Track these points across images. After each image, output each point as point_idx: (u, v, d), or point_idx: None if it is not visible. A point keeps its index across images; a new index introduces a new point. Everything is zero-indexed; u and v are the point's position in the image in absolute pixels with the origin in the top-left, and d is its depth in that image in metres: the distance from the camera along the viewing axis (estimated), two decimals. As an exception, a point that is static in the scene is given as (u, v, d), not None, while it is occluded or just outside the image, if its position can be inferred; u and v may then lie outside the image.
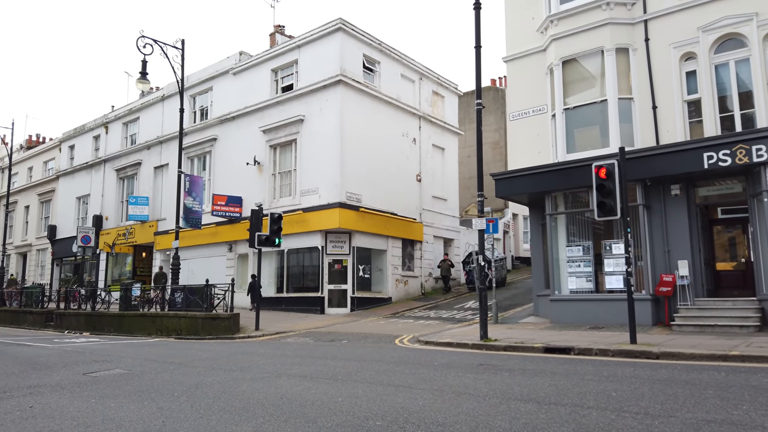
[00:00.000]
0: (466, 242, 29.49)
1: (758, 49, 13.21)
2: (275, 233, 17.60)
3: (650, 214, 14.49)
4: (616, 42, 15.13)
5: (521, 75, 17.37)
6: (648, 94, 14.79)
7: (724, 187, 14.20)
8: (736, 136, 12.92)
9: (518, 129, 17.44)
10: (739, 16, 13.44)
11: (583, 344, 10.66)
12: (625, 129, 14.99)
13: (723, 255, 15.98)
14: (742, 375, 7.37)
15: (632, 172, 13.42)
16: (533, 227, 17.68)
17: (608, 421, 5.04)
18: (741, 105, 13.63)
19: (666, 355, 9.35)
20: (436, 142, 28.19)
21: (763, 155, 12.35)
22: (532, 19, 17.12)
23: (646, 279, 14.23)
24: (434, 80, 28.53)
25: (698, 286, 13.88)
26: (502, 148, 33.54)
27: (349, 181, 22.52)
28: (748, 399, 5.80)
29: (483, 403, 5.91)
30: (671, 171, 13.80)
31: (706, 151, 13.10)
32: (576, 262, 15.61)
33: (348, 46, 23.41)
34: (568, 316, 15.00)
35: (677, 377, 7.34)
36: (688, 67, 14.37)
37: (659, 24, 14.75)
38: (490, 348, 11.48)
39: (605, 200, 11.35)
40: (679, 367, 8.37)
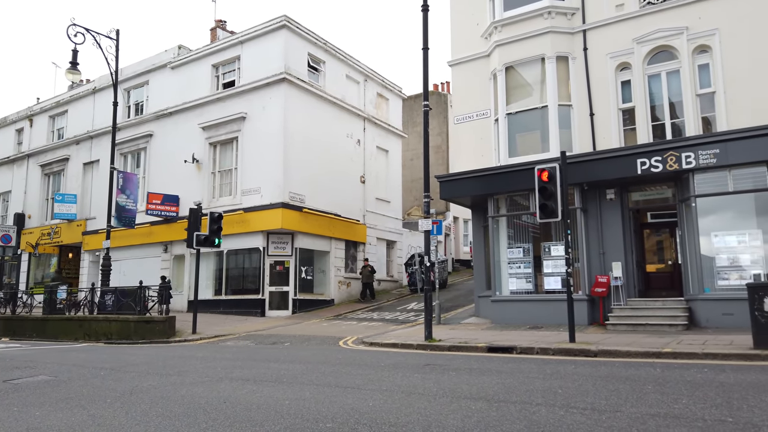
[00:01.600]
0: (409, 244, 29.65)
1: (688, 61, 13.95)
2: (215, 233, 17.03)
3: (587, 218, 15.01)
4: (556, 50, 15.60)
5: (466, 79, 17.62)
6: (586, 101, 15.34)
7: (655, 192, 14.91)
8: (667, 144, 13.58)
9: (462, 132, 17.68)
10: (671, 29, 14.16)
11: (524, 343, 10.86)
12: (564, 135, 15.47)
13: (653, 257, 16.78)
14: (677, 371, 7.67)
15: (571, 176, 13.80)
16: (475, 229, 17.95)
17: (558, 417, 5.09)
18: (671, 114, 14.35)
19: (604, 353, 9.65)
20: (380, 144, 28.21)
21: (691, 162, 13.03)
22: (476, 25, 17.41)
23: (583, 280, 14.71)
24: (379, 82, 28.56)
25: (630, 286, 14.47)
26: (444, 152, 33.97)
27: (293, 181, 22.14)
28: (685, 393, 6.02)
29: (434, 402, 5.85)
30: (607, 176, 14.35)
31: (640, 157, 13.70)
32: (516, 264, 15.95)
33: (293, 44, 23.05)
34: (509, 317, 15.29)
35: (617, 374, 7.55)
36: (624, 76, 15.01)
37: (597, 34, 15.33)
38: (434, 348, 11.50)
39: (547, 203, 11.63)
40: (617, 364, 8.64)
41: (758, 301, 9.01)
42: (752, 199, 12.81)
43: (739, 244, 12.90)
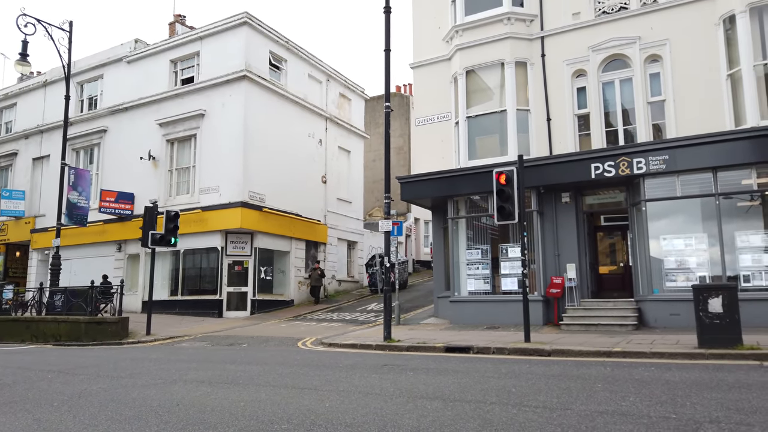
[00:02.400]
0: (370, 245, 29.69)
1: (640, 69, 14.45)
2: (171, 232, 16.66)
3: (543, 220, 15.35)
4: (515, 56, 15.91)
5: (427, 82, 17.78)
6: (543, 106, 15.69)
7: (608, 196, 15.37)
8: (620, 150, 14.02)
9: (423, 134, 17.83)
10: (625, 38, 14.64)
11: (481, 343, 11.03)
12: (522, 139, 15.79)
13: (605, 259, 17.29)
14: (626, 369, 7.93)
15: (528, 179, 14.11)
16: (435, 231, 18.11)
17: (511, 415, 5.20)
18: (624, 120, 14.84)
19: (557, 352, 9.90)
20: (342, 144, 28.16)
21: (642, 168, 13.49)
22: (438, 28, 17.59)
23: (538, 281, 15.04)
24: (341, 82, 28.50)
25: (584, 287, 14.88)
26: (405, 154, 34.16)
27: (253, 180, 21.86)
28: (633, 391, 6.23)
29: (390, 402, 5.88)
30: (563, 180, 14.71)
31: (594, 162, 14.10)
32: (475, 265, 16.18)
33: (254, 41, 22.77)
34: (467, 317, 15.49)
35: (569, 372, 7.76)
36: (579, 83, 15.42)
37: (555, 41, 15.71)
38: (393, 348, 11.56)
39: (504, 205, 11.84)
40: (569, 363, 8.87)
41: (703, 302, 9.40)
42: (699, 204, 13.35)
43: (686, 247, 13.43)
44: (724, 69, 13.40)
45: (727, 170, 12.92)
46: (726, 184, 12.96)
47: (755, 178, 12.83)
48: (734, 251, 12.79)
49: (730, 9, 13.16)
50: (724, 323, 9.17)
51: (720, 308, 9.24)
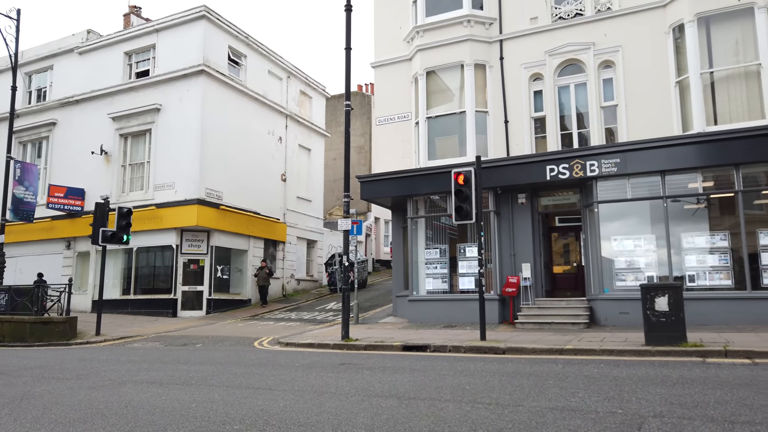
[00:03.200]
0: (330, 244, 29.57)
1: (594, 75, 14.85)
2: (123, 229, 16.18)
3: (500, 221, 15.60)
4: (475, 58, 16.12)
5: (388, 82, 17.82)
6: (501, 108, 15.95)
7: (563, 197, 15.74)
8: (574, 152, 14.38)
9: (384, 134, 17.86)
10: (580, 44, 15.02)
11: (438, 342, 11.13)
12: (480, 140, 16.00)
13: (559, 259, 17.72)
14: (576, 366, 8.15)
15: (486, 180, 14.34)
16: (395, 230, 18.18)
17: (464, 412, 5.26)
18: (578, 124, 15.23)
19: (511, 350, 10.08)
20: (302, 142, 27.93)
21: (595, 170, 13.87)
22: (399, 29, 17.65)
23: (495, 280, 15.28)
24: (302, 80, 28.27)
25: (538, 287, 15.20)
26: (366, 153, 34.16)
27: (210, 177, 21.45)
28: (582, 387, 6.40)
29: (345, 401, 5.87)
30: (519, 181, 14.98)
31: (549, 164, 14.42)
32: (433, 264, 16.32)
33: (212, 35, 22.34)
34: (425, 316, 15.61)
35: (522, 370, 7.91)
36: (536, 86, 15.74)
37: (513, 45, 15.99)
38: (351, 348, 11.54)
39: (462, 205, 11.99)
40: (523, 360, 9.05)
41: (650, 301, 9.74)
42: (648, 206, 13.82)
43: (635, 248, 13.88)
44: (673, 76, 13.91)
45: (675, 174, 13.41)
46: (673, 187, 13.46)
47: (701, 182, 13.37)
48: (681, 252, 13.30)
49: (680, 18, 13.68)
50: (669, 321, 9.52)
51: (666, 307, 9.59)
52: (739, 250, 12.71)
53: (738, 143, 12.53)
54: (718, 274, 12.86)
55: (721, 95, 13.42)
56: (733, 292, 12.52)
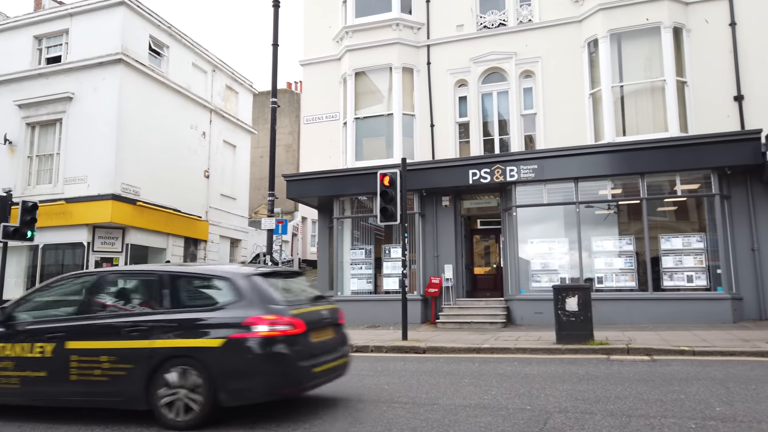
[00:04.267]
0: (254, 243, 28.95)
1: (515, 83, 15.43)
2: (27, 225, 15.08)
3: (424, 222, 15.88)
4: (403, 61, 16.32)
5: (317, 80, 17.69)
6: (428, 112, 16.24)
7: (484, 201, 16.23)
8: (495, 158, 14.87)
9: (311, 133, 17.71)
10: (503, 53, 15.56)
11: (360, 342, 11.16)
12: (407, 143, 16.23)
13: (480, 261, 18.25)
14: (492, 364, 8.43)
15: (411, 182, 14.59)
16: (321, 230, 18.08)
17: (381, 412, 5.31)
18: (500, 130, 15.76)
19: (431, 349, 10.28)
20: (227, 138, 27.18)
21: (514, 175, 14.40)
22: (329, 28, 17.57)
23: (418, 281, 15.53)
24: (228, 74, 27.52)
25: (460, 287, 15.60)
26: (295, 151, 33.75)
27: (127, 171, 20.42)
28: (496, 385, 6.63)
29: (261, 404, 5.76)
30: (443, 184, 15.30)
31: (471, 168, 14.82)
32: (359, 265, 16.36)
33: (132, 23, 21.30)
34: (349, 316, 15.41)
35: (440, 369, 8.09)
36: (462, 92, 16.15)
37: (440, 51, 16.32)
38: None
39: (387, 206, 12.09)
40: (442, 359, 9.25)
41: (561, 301, 10.23)
42: (562, 210, 14.51)
43: (550, 250, 14.54)
44: (587, 88, 14.69)
45: (587, 181, 14.16)
46: (586, 193, 14.21)
47: (610, 189, 14.21)
48: (591, 255, 14.06)
49: (594, 33, 14.47)
50: (579, 321, 10.04)
51: (576, 307, 10.10)
52: (643, 254, 13.60)
53: (644, 153, 13.40)
54: (624, 276, 13.71)
55: (630, 108, 14.32)
56: (637, 293, 13.38)
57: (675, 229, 13.96)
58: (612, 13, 14.13)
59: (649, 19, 13.81)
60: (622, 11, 14.06)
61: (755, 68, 13.22)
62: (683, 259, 13.23)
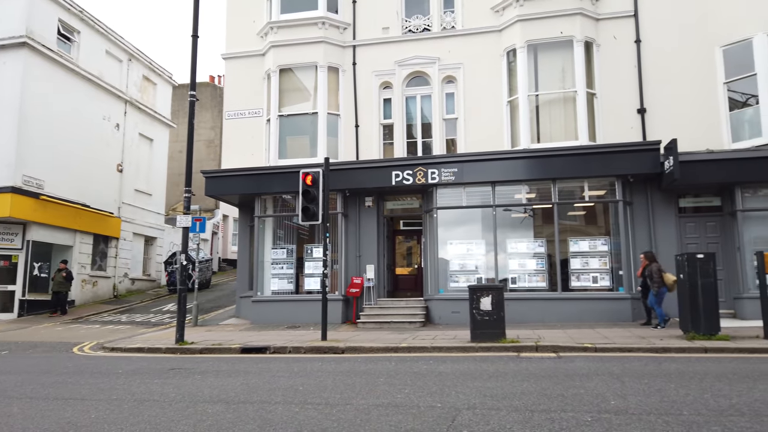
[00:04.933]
0: (171, 242, 27.81)
1: (438, 88, 15.76)
2: None
3: (347, 222, 15.88)
4: (328, 60, 16.24)
5: (240, 75, 17.26)
6: (352, 113, 16.26)
7: (406, 202, 16.46)
8: (418, 160, 15.11)
9: (234, 129, 17.25)
10: (427, 58, 15.85)
11: (279, 343, 11.01)
12: (331, 142, 16.16)
13: (402, 261, 18.50)
14: (408, 363, 8.55)
15: (335, 182, 14.56)
16: (242, 229, 17.65)
17: (292, 414, 5.25)
18: (423, 134, 16.04)
19: (350, 349, 10.29)
20: (143, 131, 25.95)
21: (436, 178, 14.70)
22: (253, 22, 17.20)
23: (340, 281, 15.51)
24: (146, 64, 26.28)
25: (381, 287, 15.72)
26: (216, 147, 32.75)
27: (30, 162, 19.02)
28: (410, 384, 6.73)
29: (168, 408, 5.55)
30: (367, 184, 15.38)
31: (395, 170, 14.99)
32: (280, 265, 16.12)
33: (39, 5, 19.86)
34: (269, 317, 15.35)
35: (357, 369, 8.11)
36: (386, 94, 16.29)
37: (365, 52, 16.38)
38: (185, 351, 10.96)
39: (309, 206, 12.00)
40: (360, 359, 9.28)
41: (476, 301, 10.55)
42: (480, 213, 14.97)
43: (468, 252, 14.96)
44: (505, 95, 15.23)
45: (504, 185, 14.69)
46: (502, 197, 14.73)
47: (525, 194, 14.81)
48: (507, 256, 14.60)
49: (513, 43, 15.03)
50: (492, 320, 10.40)
51: (489, 306, 10.46)
52: (554, 256, 14.28)
53: (556, 160, 14.08)
54: (536, 276, 14.33)
55: (545, 116, 15.00)
56: (548, 293, 14.04)
57: (584, 232, 14.76)
58: (529, 24, 14.75)
59: (563, 32, 14.53)
60: (538, 23, 14.70)
61: (656, 84, 14.22)
62: (589, 261, 14.02)
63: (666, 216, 13.96)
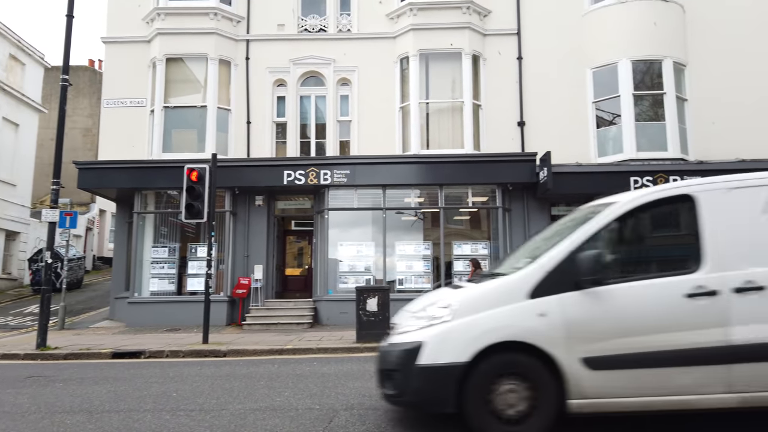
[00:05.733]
0: (37, 237, 25.38)
1: (333, 89, 15.77)
2: None
3: (236, 221, 15.42)
4: (219, 53, 15.68)
5: (122, 61, 16.14)
6: (245, 109, 15.82)
7: (298, 202, 16.31)
8: (311, 160, 15.02)
9: (113, 118, 16.10)
10: (322, 58, 15.80)
11: (155, 347, 10.44)
12: (221, 138, 15.61)
13: (293, 262, 18.31)
14: (291, 366, 8.46)
15: (223, 179, 14.08)
16: (119, 225, 16.52)
17: (162, 422, 5.00)
18: (317, 134, 15.98)
19: (232, 352, 10.00)
20: (8, 115, 23.49)
21: (328, 179, 14.69)
22: (138, 6, 16.16)
23: (226, 282, 15.01)
24: (14, 42, 23.81)
25: (269, 288, 15.43)
26: (94, 137, 30.36)
27: None
28: (290, 386, 6.67)
29: (19, 421, 5.07)
30: (258, 183, 15.01)
31: (287, 169, 14.77)
32: (161, 264, 15.29)
33: None
34: (147, 319, 14.50)
35: (237, 372, 7.89)
36: (280, 92, 16.03)
37: (259, 47, 16.02)
38: (48, 357, 10.06)
39: (194, 203, 11.49)
40: (241, 362, 9.03)
41: (363, 302, 10.69)
42: (370, 215, 15.17)
43: (357, 253, 15.10)
44: (398, 101, 15.58)
45: (395, 188, 15.00)
46: (392, 200, 15.04)
47: (414, 198, 15.25)
48: (395, 258, 14.91)
49: (406, 51, 15.42)
50: (377, 320, 10.58)
51: (376, 307, 10.65)
52: (439, 258, 14.82)
53: (443, 167, 14.62)
54: (422, 278, 14.78)
55: (434, 124, 15.53)
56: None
57: (468, 236, 15.46)
58: (422, 34, 15.22)
59: (453, 44, 15.14)
60: (430, 34, 15.21)
61: (535, 99, 15.24)
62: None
63: (540, 222, 14.96)
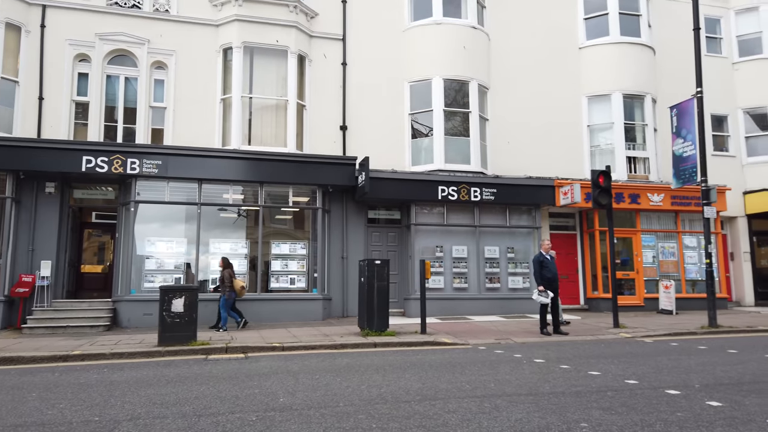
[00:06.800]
0: None
1: (146, 72, 14.57)
2: None
3: (19, 210, 13.43)
4: (6, 15, 13.58)
5: None
6: (37, 82, 13.90)
7: (100, 192, 14.76)
8: (116, 147, 13.68)
9: None
10: (134, 37, 14.51)
11: None
12: (6, 113, 13.55)
13: (92, 258, 16.50)
14: (76, 373, 7.59)
15: (5, 161, 12.27)
16: None
17: None
18: (125, 119, 14.61)
19: (4, 360, 8.68)
20: None
21: (136, 168, 13.51)
22: None
23: (4, 279, 13.01)
24: None
25: (59, 287, 13.72)
26: None
27: None
28: (69, 397, 5.97)
29: None
30: (49, 168, 13.24)
31: (86, 154, 13.25)
32: None
33: None
34: None
35: (3, 384, 6.86)
36: (82, 68, 14.37)
37: (58, 15, 14.19)
38: None
39: (-40, 187, 9.77)
40: (13, 372, 7.88)
41: (167, 303, 10.00)
42: (184, 210, 14.27)
43: (168, 250, 14.11)
44: (219, 92, 14.94)
45: (212, 183, 14.30)
46: (209, 195, 14.32)
47: (232, 194, 14.71)
48: (209, 257, 14.24)
49: (229, 41, 14.86)
50: (183, 322, 9.98)
51: (182, 308, 10.02)
52: (257, 258, 14.49)
53: (265, 164, 14.34)
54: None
55: (257, 120, 15.19)
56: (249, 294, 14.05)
57: (291, 236, 15.35)
58: (247, 26, 14.81)
59: (278, 41, 14.98)
60: (256, 27, 14.87)
61: (357, 104, 15.73)
62: (289, 264, 14.67)
63: (357, 225, 15.49)
